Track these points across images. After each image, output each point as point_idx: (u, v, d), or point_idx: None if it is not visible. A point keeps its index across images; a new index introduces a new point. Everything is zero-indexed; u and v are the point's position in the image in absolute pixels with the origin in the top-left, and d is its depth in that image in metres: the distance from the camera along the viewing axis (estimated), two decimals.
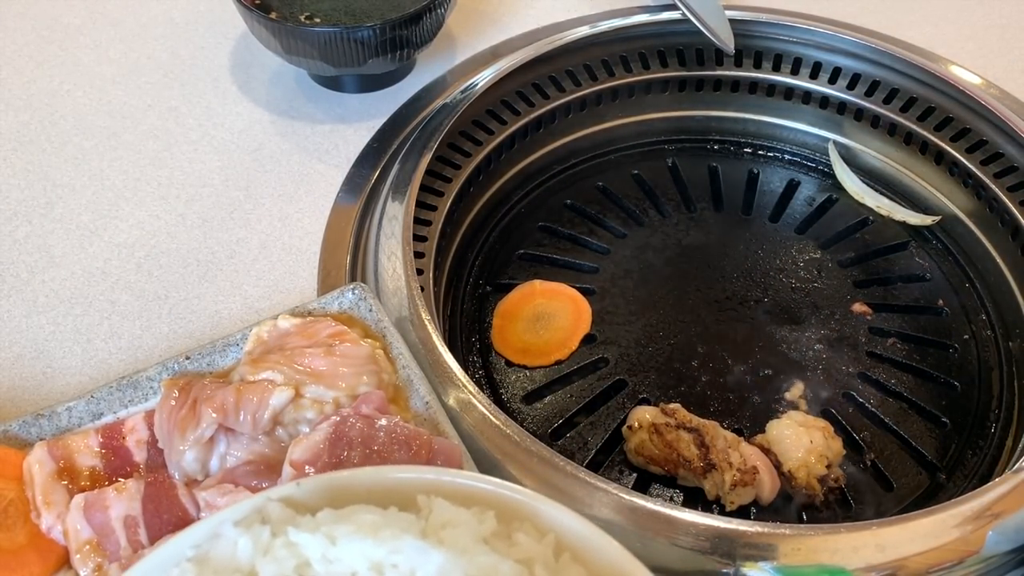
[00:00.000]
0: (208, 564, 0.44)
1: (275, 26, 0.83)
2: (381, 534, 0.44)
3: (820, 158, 0.94)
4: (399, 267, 0.71)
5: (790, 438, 0.67)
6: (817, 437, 0.67)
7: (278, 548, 0.44)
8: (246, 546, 0.44)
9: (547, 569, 0.45)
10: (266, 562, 0.44)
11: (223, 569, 0.44)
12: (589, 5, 1.03)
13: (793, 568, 0.57)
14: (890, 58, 0.89)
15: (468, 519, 0.46)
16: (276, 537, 0.45)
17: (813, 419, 0.69)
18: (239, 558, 0.44)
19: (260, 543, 0.45)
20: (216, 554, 0.45)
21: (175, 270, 0.77)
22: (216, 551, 0.45)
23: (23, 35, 0.98)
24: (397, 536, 0.44)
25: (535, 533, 0.46)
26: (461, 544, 0.44)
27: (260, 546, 0.45)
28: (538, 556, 0.45)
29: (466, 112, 0.83)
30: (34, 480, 0.59)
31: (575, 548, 0.47)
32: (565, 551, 0.46)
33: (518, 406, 0.75)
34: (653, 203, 0.90)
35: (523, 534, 0.46)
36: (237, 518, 0.46)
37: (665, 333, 0.79)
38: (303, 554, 0.44)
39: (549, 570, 0.45)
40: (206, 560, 0.45)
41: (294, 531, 0.45)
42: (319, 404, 0.62)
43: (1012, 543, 0.59)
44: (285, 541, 0.45)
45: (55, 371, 0.71)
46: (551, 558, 0.46)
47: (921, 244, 0.87)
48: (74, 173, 0.85)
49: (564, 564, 0.46)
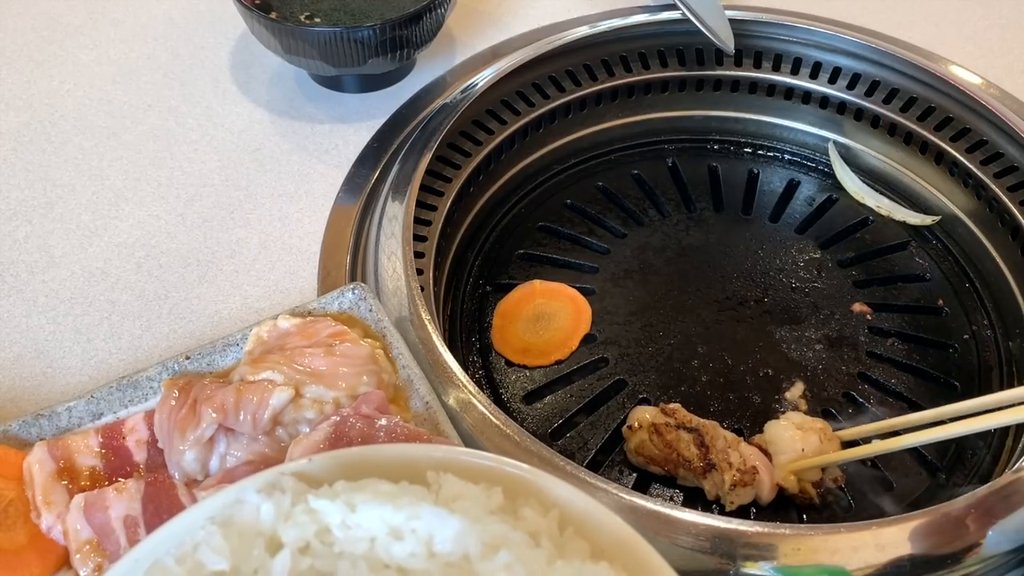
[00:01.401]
0: (232, 526, 0.45)
1: (275, 26, 0.83)
2: (399, 501, 0.45)
3: (820, 158, 0.94)
4: (399, 267, 0.71)
5: (785, 441, 0.67)
6: (812, 442, 0.67)
7: (299, 514, 0.45)
8: (268, 511, 0.46)
9: (553, 542, 0.46)
10: (288, 527, 0.45)
11: (247, 532, 0.45)
12: (589, 5, 1.03)
13: (793, 568, 0.57)
14: (890, 58, 0.89)
15: (477, 493, 0.47)
16: (296, 504, 0.46)
17: (811, 420, 0.69)
18: (262, 522, 0.46)
19: (281, 509, 0.46)
20: (240, 518, 0.46)
21: (175, 270, 0.77)
22: (240, 515, 0.46)
23: (23, 35, 0.98)
24: (415, 503, 0.45)
25: (540, 508, 0.47)
26: (472, 515, 0.45)
27: (281, 512, 0.46)
28: (543, 530, 0.46)
29: (466, 112, 0.83)
30: (34, 480, 0.59)
31: (579, 523, 0.48)
32: (569, 525, 0.47)
33: (518, 406, 0.75)
34: (653, 203, 0.90)
35: (529, 509, 0.47)
36: (259, 486, 0.47)
37: (665, 333, 0.79)
38: (323, 520, 0.45)
39: (555, 543, 0.46)
40: (230, 523, 0.46)
41: (314, 498, 0.46)
42: (319, 404, 0.62)
43: (1012, 543, 0.59)
44: (306, 507, 0.46)
45: (55, 371, 0.71)
46: (556, 532, 0.47)
47: (921, 244, 0.87)
48: (74, 173, 0.85)
49: (568, 538, 0.47)
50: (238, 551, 0.44)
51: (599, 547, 0.47)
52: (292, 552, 0.44)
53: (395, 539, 0.45)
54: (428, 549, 0.44)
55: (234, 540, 0.45)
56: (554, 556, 0.45)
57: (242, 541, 0.45)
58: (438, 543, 0.44)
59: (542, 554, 0.44)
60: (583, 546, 0.46)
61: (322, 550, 0.45)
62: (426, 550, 0.44)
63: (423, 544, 0.44)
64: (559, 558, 0.45)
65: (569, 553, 0.45)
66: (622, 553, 0.47)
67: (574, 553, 0.46)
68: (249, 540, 0.45)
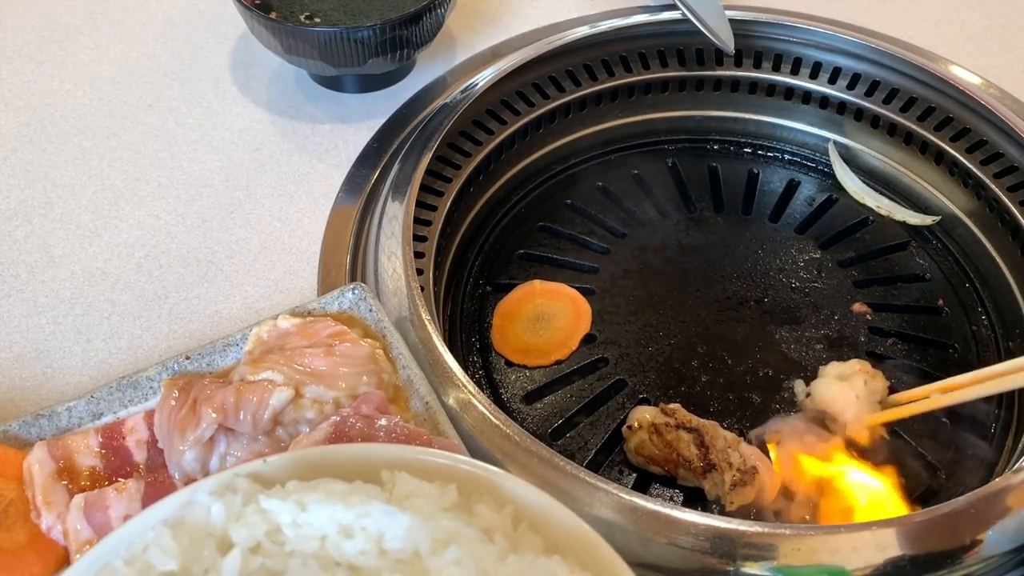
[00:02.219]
0: (183, 528, 0.46)
1: (275, 26, 0.83)
2: (349, 499, 0.46)
3: (820, 158, 0.94)
4: (399, 267, 0.71)
5: (839, 400, 0.66)
6: (859, 386, 0.66)
7: (250, 514, 0.46)
8: (219, 511, 0.46)
9: (506, 537, 0.46)
10: (238, 527, 0.45)
11: (197, 533, 0.46)
12: (589, 5, 1.03)
13: (793, 568, 0.57)
14: (890, 58, 0.89)
15: (431, 491, 0.47)
16: (247, 505, 0.46)
17: (848, 365, 0.67)
18: (213, 523, 0.46)
19: (232, 510, 0.46)
20: (191, 519, 0.46)
21: (175, 270, 0.77)
22: (190, 516, 0.46)
23: (23, 35, 0.98)
24: (365, 501, 0.46)
25: (494, 504, 0.48)
26: (425, 512, 0.46)
27: (232, 512, 0.46)
28: (497, 526, 0.47)
29: (466, 112, 0.83)
30: (34, 480, 0.59)
31: (533, 518, 0.48)
32: (523, 521, 0.48)
33: (518, 406, 0.75)
34: (653, 203, 0.90)
35: (483, 505, 0.47)
36: (212, 488, 0.48)
37: (665, 333, 0.79)
38: (274, 520, 0.46)
39: (508, 538, 0.46)
40: (181, 524, 0.46)
41: (265, 498, 0.46)
42: (319, 404, 0.62)
43: (1012, 543, 0.59)
44: (256, 508, 0.46)
45: (55, 371, 0.71)
46: (510, 527, 0.47)
47: (921, 244, 0.87)
48: (74, 173, 0.85)
49: (522, 533, 0.47)
50: (188, 551, 0.45)
51: (553, 542, 0.47)
52: (243, 551, 0.44)
53: (345, 537, 0.45)
54: (378, 546, 0.45)
55: (184, 541, 0.45)
56: (507, 551, 0.45)
57: (192, 542, 0.45)
58: (388, 540, 0.45)
59: (494, 549, 0.45)
60: (536, 541, 0.47)
61: (273, 549, 0.45)
62: (376, 547, 0.45)
63: (373, 541, 0.45)
64: (511, 553, 0.45)
65: (522, 548, 0.46)
66: (576, 547, 0.47)
67: (527, 548, 0.46)
68: (199, 541, 0.45)
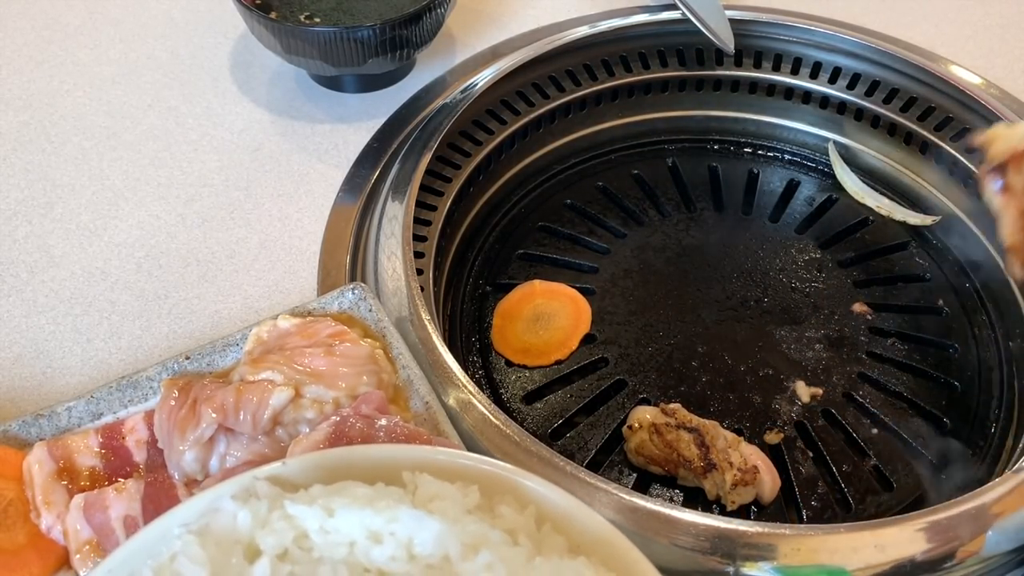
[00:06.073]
0: (209, 535, 0.45)
1: (275, 26, 0.83)
2: (377, 504, 0.45)
3: (820, 158, 0.94)
4: (399, 267, 0.71)
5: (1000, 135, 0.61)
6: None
7: (276, 521, 0.45)
8: (245, 518, 0.45)
9: (530, 539, 0.46)
10: (265, 534, 0.45)
11: (224, 540, 0.45)
12: (589, 5, 1.03)
13: (793, 568, 0.57)
14: (890, 58, 0.89)
15: (453, 493, 0.47)
16: (273, 511, 0.46)
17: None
18: (239, 530, 0.45)
19: (259, 516, 0.46)
20: (217, 526, 0.46)
21: (175, 270, 0.77)
22: (216, 523, 0.46)
23: (23, 35, 0.98)
24: (393, 506, 0.45)
25: (516, 505, 0.48)
26: (450, 515, 0.45)
27: (259, 519, 0.46)
28: (521, 527, 0.46)
29: (466, 112, 0.83)
30: (34, 480, 0.59)
31: (556, 519, 0.48)
32: (546, 522, 0.48)
33: (518, 406, 0.75)
34: (653, 203, 0.90)
35: (505, 506, 0.47)
36: (234, 492, 0.47)
37: (665, 333, 0.79)
38: (301, 526, 0.45)
39: (532, 540, 0.46)
40: (207, 531, 0.45)
41: (291, 504, 0.46)
42: (319, 404, 0.62)
43: (1012, 543, 0.59)
44: (282, 514, 0.46)
45: (55, 371, 0.71)
46: (533, 529, 0.47)
47: (921, 244, 0.87)
48: (74, 173, 0.85)
49: (546, 534, 0.47)
50: (216, 560, 0.44)
51: (576, 542, 0.47)
52: (271, 559, 0.44)
53: (375, 543, 0.45)
54: (408, 552, 0.45)
55: (211, 549, 0.44)
56: (532, 553, 0.45)
57: (220, 550, 0.45)
58: (418, 545, 0.44)
59: (521, 552, 0.44)
60: (560, 542, 0.47)
61: (301, 556, 0.45)
62: (406, 553, 0.44)
63: (403, 547, 0.44)
64: (537, 555, 0.45)
65: (547, 550, 0.46)
66: (599, 547, 0.47)
67: (552, 549, 0.46)
68: (227, 548, 0.45)
